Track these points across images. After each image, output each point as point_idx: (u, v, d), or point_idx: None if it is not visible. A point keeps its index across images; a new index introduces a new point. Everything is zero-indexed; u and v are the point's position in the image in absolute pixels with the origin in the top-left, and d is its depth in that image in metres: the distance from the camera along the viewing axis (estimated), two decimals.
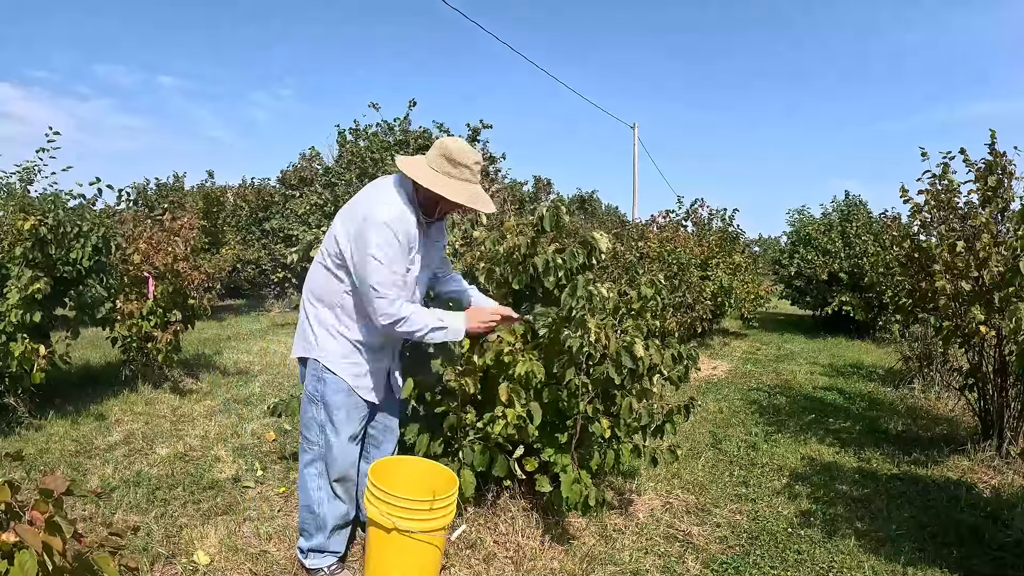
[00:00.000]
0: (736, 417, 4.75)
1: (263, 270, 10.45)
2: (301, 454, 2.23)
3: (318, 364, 2.14)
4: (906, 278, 4.17)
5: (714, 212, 10.43)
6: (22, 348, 3.57)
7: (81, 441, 3.53)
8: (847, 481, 3.45)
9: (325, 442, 2.16)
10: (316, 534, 2.21)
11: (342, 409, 2.14)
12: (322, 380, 2.13)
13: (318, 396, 2.14)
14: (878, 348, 8.58)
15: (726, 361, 7.27)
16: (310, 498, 2.20)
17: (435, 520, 2.02)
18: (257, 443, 3.62)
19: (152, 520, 2.60)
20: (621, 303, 2.81)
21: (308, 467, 2.21)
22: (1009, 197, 3.67)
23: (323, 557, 2.24)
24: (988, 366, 3.82)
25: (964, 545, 2.71)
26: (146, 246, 4.73)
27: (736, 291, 8.46)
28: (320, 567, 2.23)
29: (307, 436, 2.20)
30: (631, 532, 2.74)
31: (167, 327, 4.70)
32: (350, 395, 2.15)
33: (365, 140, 9.77)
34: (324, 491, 2.19)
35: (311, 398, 2.16)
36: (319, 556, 2.24)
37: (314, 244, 3.11)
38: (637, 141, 18.55)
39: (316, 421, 2.16)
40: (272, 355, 6.30)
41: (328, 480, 2.19)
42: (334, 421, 2.14)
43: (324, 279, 2.14)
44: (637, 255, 7.00)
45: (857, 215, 10.25)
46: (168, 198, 10.20)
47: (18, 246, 3.74)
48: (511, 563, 2.40)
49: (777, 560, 2.57)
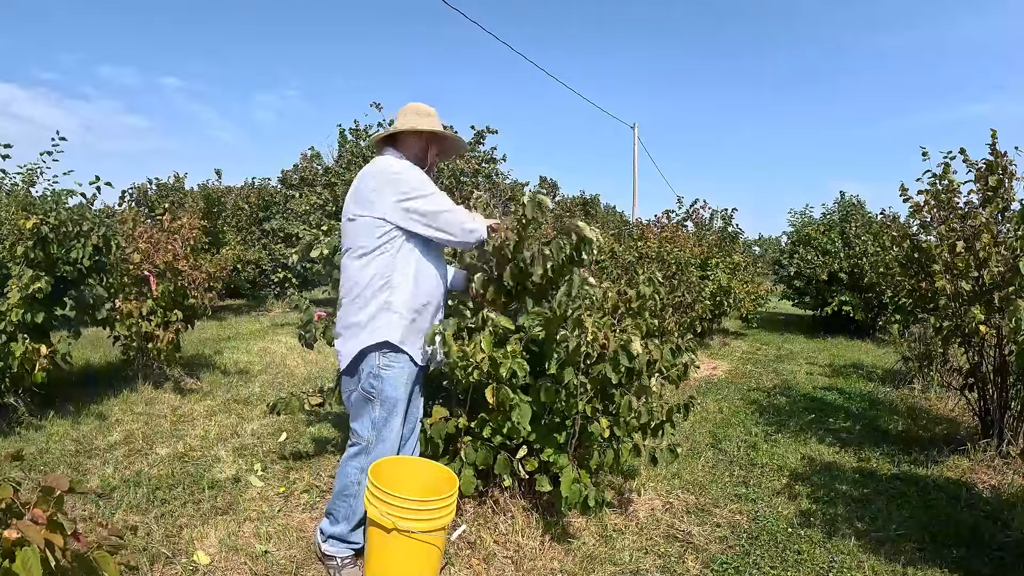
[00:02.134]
0: (736, 417, 4.75)
1: (263, 270, 10.46)
2: (348, 447, 2.30)
3: (375, 359, 2.19)
4: (906, 278, 4.17)
5: (715, 212, 10.44)
6: (23, 348, 3.58)
7: (81, 441, 3.53)
8: (847, 481, 3.45)
9: (376, 438, 2.23)
10: (342, 522, 2.28)
11: (399, 405, 2.22)
12: (379, 377, 2.20)
13: (375, 393, 2.20)
14: (878, 348, 8.58)
15: (726, 361, 7.27)
16: (349, 487, 2.26)
17: (435, 520, 2.02)
18: (257, 443, 3.62)
19: (152, 520, 2.60)
20: (620, 302, 2.81)
21: (353, 459, 2.27)
22: (1010, 197, 3.66)
23: (342, 546, 2.31)
24: (988, 366, 3.82)
25: (964, 545, 2.71)
26: (146, 246, 4.73)
27: (735, 291, 8.46)
28: (336, 555, 2.30)
29: (358, 431, 2.26)
30: (631, 532, 2.74)
31: (168, 327, 4.70)
32: (406, 388, 2.23)
33: (366, 140, 9.76)
34: (364, 484, 2.25)
35: (367, 396, 2.22)
36: (339, 544, 2.30)
37: (314, 244, 3.10)
38: (637, 141, 18.57)
39: (370, 417, 2.22)
40: (272, 355, 6.30)
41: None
42: (389, 417, 2.22)
43: (358, 269, 2.22)
44: (636, 255, 7.00)
45: (857, 215, 10.25)
46: (168, 198, 10.19)
47: (20, 245, 3.74)
48: (511, 563, 2.41)
49: (777, 560, 2.57)
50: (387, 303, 2.18)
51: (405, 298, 2.20)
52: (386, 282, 2.19)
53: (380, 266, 2.18)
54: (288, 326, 8.32)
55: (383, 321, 2.18)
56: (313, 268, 7.99)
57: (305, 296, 3.47)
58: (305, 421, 4.00)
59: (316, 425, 3.93)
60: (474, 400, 2.52)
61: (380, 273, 2.18)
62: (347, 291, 2.26)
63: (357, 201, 2.23)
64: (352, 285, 2.23)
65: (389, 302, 2.18)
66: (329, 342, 3.19)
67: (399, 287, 2.19)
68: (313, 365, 5.95)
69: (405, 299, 2.20)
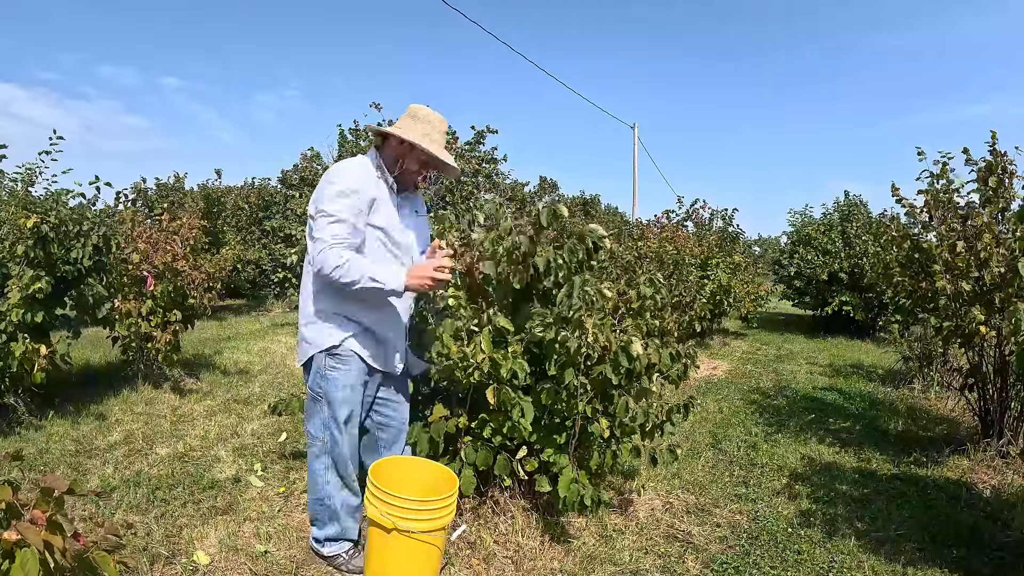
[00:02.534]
0: (736, 417, 4.75)
1: (263, 270, 10.45)
2: (308, 449, 2.31)
3: (321, 360, 2.19)
4: (905, 278, 4.17)
5: (715, 212, 10.43)
6: (23, 348, 3.58)
7: (81, 441, 3.53)
8: (847, 481, 3.45)
9: (330, 438, 2.23)
10: (330, 523, 2.30)
11: (344, 406, 2.21)
12: (325, 377, 2.20)
13: (322, 394, 2.21)
14: (878, 348, 8.58)
15: (726, 361, 7.26)
16: (320, 491, 2.28)
17: (435, 520, 2.02)
18: (257, 443, 3.62)
19: (152, 520, 2.60)
20: (620, 302, 2.81)
21: (315, 461, 2.28)
22: (1010, 197, 3.67)
23: (340, 544, 2.33)
24: (988, 366, 3.82)
25: (964, 545, 2.71)
26: (145, 245, 4.73)
27: (735, 291, 8.46)
28: (338, 553, 2.32)
29: (312, 432, 2.27)
30: (631, 532, 2.74)
31: (167, 327, 4.70)
32: (353, 390, 2.22)
33: (366, 140, 9.76)
34: (332, 484, 2.28)
35: (315, 396, 2.23)
36: (336, 543, 2.33)
37: None
38: (637, 141, 18.57)
39: (320, 418, 2.23)
40: (272, 355, 6.30)
41: (336, 472, 2.28)
42: (337, 418, 2.21)
43: (305, 273, 2.23)
44: (635, 255, 7.00)
45: (857, 215, 10.25)
46: (168, 198, 10.19)
47: (20, 244, 3.73)
48: (511, 563, 2.41)
49: (777, 560, 2.57)
50: (326, 307, 2.17)
51: (343, 301, 2.15)
52: (324, 286, 2.16)
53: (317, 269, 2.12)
54: (288, 326, 8.32)
55: (325, 324, 2.18)
56: None
57: None
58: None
59: None
60: (474, 400, 2.52)
61: (318, 277, 2.13)
62: (302, 296, 2.26)
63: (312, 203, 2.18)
64: (303, 289, 2.24)
65: (328, 306, 2.17)
66: None
67: (339, 291, 2.11)
68: None
69: (343, 302, 2.16)
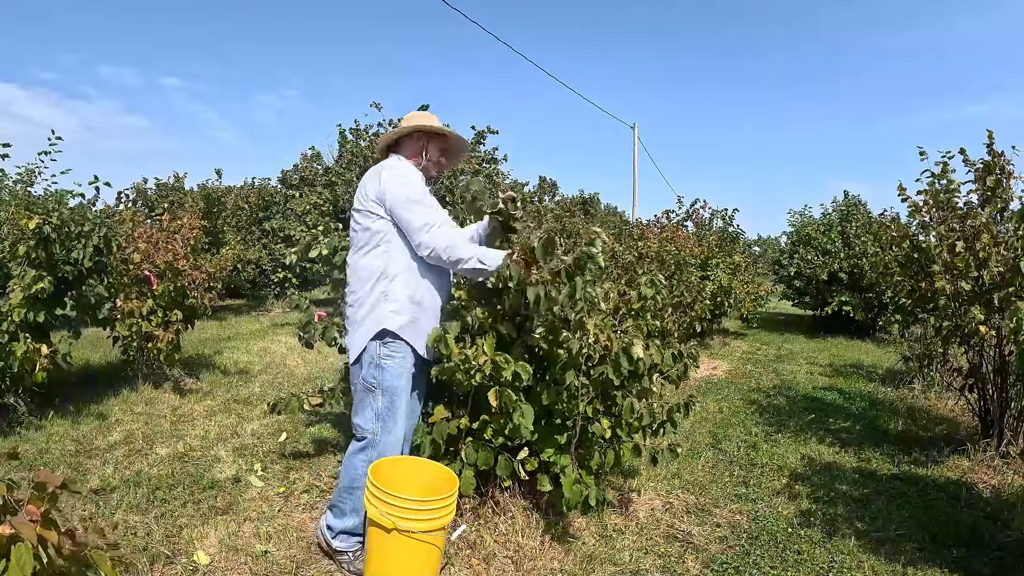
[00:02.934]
0: (736, 417, 4.75)
1: (263, 270, 10.46)
2: (353, 442, 2.31)
3: (375, 349, 2.24)
4: (905, 278, 4.17)
5: (715, 212, 10.43)
6: (25, 348, 3.58)
7: (81, 441, 3.53)
8: (847, 481, 3.45)
9: (381, 429, 2.25)
10: (350, 515, 2.30)
11: (400, 395, 2.25)
12: (380, 367, 2.24)
13: (376, 384, 2.24)
14: (878, 348, 8.58)
15: (726, 361, 7.26)
16: (356, 480, 2.27)
17: (435, 520, 2.02)
18: (257, 443, 3.62)
19: (152, 520, 2.60)
20: (621, 303, 2.81)
21: (360, 453, 2.28)
22: (1008, 197, 3.67)
23: (351, 541, 2.33)
24: (988, 366, 3.82)
25: (964, 545, 2.71)
26: (146, 245, 4.73)
27: (736, 291, 8.46)
28: (347, 549, 2.32)
29: (361, 425, 2.28)
30: (631, 532, 2.74)
31: (168, 327, 4.70)
32: (406, 379, 2.27)
33: (366, 140, 9.76)
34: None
35: (368, 387, 2.26)
36: (348, 538, 2.33)
37: (312, 244, 3.10)
38: (637, 141, 18.58)
39: (373, 409, 2.25)
40: (272, 355, 6.30)
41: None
42: (392, 407, 2.24)
43: (359, 264, 2.31)
44: (635, 255, 7.00)
45: (857, 215, 10.25)
46: (168, 198, 10.19)
47: (22, 245, 3.74)
48: (511, 563, 2.41)
49: (777, 560, 2.57)
50: (384, 293, 2.24)
51: (402, 288, 2.25)
52: (382, 273, 2.26)
53: (377, 258, 2.27)
54: (288, 326, 8.32)
55: (382, 311, 2.24)
56: (313, 268, 7.99)
57: (305, 296, 3.47)
58: (305, 421, 4.00)
59: (316, 425, 3.93)
60: (475, 401, 2.52)
61: (377, 265, 2.26)
62: (350, 285, 2.34)
63: (359, 198, 2.33)
64: (355, 279, 2.32)
65: (386, 292, 2.24)
66: (329, 342, 3.20)
67: (396, 277, 2.25)
68: (313, 365, 5.95)
69: (402, 289, 2.25)
